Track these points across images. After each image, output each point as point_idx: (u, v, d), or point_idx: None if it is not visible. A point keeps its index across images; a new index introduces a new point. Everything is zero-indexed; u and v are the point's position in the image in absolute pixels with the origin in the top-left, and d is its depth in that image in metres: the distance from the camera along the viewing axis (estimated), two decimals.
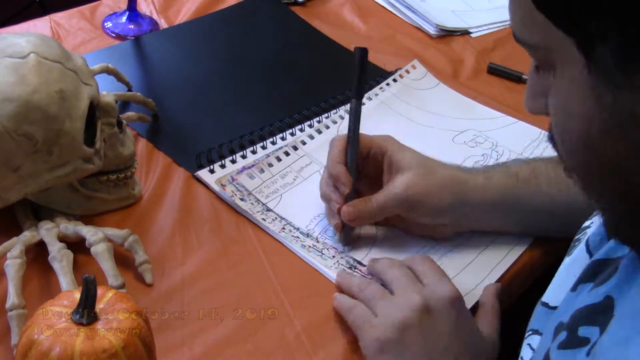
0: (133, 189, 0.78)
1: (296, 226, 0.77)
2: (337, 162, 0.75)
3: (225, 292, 0.71)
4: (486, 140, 0.92)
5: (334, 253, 0.75)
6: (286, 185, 0.82)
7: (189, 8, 1.12)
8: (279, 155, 0.85)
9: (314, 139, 0.89)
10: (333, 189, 0.75)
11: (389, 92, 0.98)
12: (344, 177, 0.74)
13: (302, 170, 0.85)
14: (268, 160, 0.84)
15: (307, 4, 1.17)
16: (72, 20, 1.05)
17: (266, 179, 0.82)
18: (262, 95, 0.97)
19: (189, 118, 0.92)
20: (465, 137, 0.92)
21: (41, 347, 0.51)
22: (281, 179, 0.83)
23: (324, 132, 0.90)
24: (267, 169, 0.83)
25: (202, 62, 1.03)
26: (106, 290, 0.56)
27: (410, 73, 1.02)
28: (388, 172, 0.75)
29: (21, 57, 0.66)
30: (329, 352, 0.66)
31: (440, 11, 1.18)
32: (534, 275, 0.80)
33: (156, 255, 0.72)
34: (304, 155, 0.86)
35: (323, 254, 0.75)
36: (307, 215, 0.79)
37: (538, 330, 0.57)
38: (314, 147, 0.88)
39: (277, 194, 0.81)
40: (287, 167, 0.84)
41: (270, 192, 0.81)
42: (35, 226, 0.71)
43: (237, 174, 0.81)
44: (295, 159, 0.86)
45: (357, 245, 0.76)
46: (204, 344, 0.66)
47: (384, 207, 0.73)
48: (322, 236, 0.77)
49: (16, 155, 0.66)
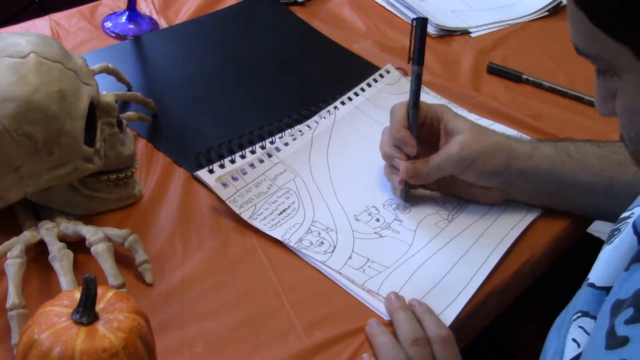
0: (133, 189, 0.78)
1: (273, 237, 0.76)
2: (402, 127, 0.80)
3: (225, 292, 0.71)
4: None
5: (332, 265, 0.73)
6: (260, 194, 0.80)
7: (189, 8, 1.12)
8: (253, 162, 0.83)
9: (288, 145, 0.87)
10: (395, 149, 0.81)
11: (363, 97, 0.96)
12: (410, 140, 0.80)
13: (277, 179, 0.83)
14: (241, 167, 0.81)
15: (306, 3, 1.17)
16: (72, 20, 1.05)
17: (240, 187, 0.80)
18: (261, 95, 0.97)
19: (189, 117, 0.92)
20: None
21: (42, 347, 0.51)
22: (255, 188, 0.81)
23: (298, 138, 0.88)
24: (241, 176, 0.81)
25: (202, 61, 1.03)
26: (106, 289, 0.56)
27: (384, 77, 1.00)
28: (444, 137, 0.81)
29: (21, 57, 0.66)
30: (329, 352, 0.66)
31: (440, 11, 1.18)
32: (534, 275, 0.81)
33: (156, 255, 0.72)
34: (278, 163, 0.84)
35: None
36: (283, 226, 0.77)
37: (589, 313, 0.59)
38: (288, 154, 0.86)
39: (251, 203, 0.79)
40: (261, 175, 0.82)
41: (244, 202, 0.79)
42: (35, 226, 0.71)
43: None
44: (270, 166, 0.83)
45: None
46: (204, 343, 0.66)
47: (440, 167, 0.79)
48: (298, 245, 0.75)
49: (16, 155, 0.66)
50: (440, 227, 0.79)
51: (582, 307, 0.60)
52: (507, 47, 1.13)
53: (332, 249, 0.75)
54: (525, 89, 1.04)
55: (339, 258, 0.74)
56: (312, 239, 0.76)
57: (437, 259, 0.76)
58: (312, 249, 0.75)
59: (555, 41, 1.16)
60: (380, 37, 1.12)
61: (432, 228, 0.79)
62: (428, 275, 0.74)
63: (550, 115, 0.98)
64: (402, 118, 0.81)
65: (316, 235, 0.77)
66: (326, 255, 0.74)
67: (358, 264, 0.74)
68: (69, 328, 0.52)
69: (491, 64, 1.07)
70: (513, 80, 1.05)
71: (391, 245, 0.77)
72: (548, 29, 1.19)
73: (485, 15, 1.21)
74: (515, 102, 1.00)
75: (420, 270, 0.74)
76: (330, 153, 0.88)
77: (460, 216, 0.81)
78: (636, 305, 0.50)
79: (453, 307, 0.71)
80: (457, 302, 0.71)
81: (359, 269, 0.73)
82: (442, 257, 0.76)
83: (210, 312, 0.68)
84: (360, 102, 0.96)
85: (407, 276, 0.73)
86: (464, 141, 0.78)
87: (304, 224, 0.78)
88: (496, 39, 1.15)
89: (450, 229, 0.79)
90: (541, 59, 1.11)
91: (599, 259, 0.61)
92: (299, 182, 0.83)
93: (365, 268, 0.74)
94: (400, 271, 0.74)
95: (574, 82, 1.06)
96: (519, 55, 1.10)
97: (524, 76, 1.05)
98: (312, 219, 0.79)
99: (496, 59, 1.09)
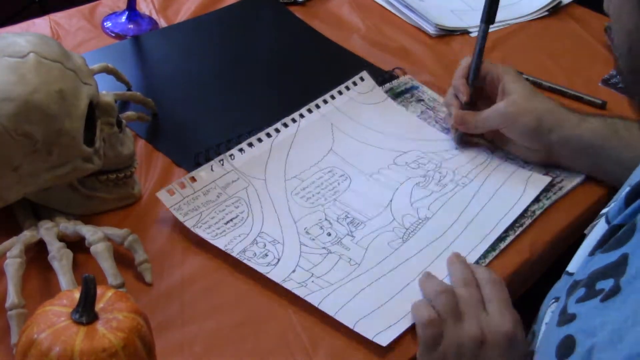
0: (133, 189, 0.78)
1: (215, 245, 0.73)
2: (460, 76, 0.90)
3: (225, 292, 0.71)
4: (430, 162, 0.88)
5: (274, 277, 0.71)
6: (208, 202, 0.77)
7: (189, 8, 1.12)
8: (204, 169, 0.80)
9: (244, 153, 0.83)
10: (454, 97, 0.90)
11: (332, 106, 0.93)
12: (464, 88, 0.89)
13: (228, 187, 0.80)
14: (190, 175, 0.79)
15: (306, 3, 1.17)
16: (72, 20, 1.05)
17: (187, 195, 0.77)
18: (260, 95, 0.97)
19: (188, 117, 0.92)
20: (408, 158, 0.88)
21: (41, 347, 0.51)
22: (203, 196, 0.78)
23: (256, 146, 0.85)
24: (189, 184, 0.78)
25: (201, 61, 1.03)
26: (106, 289, 0.56)
27: (357, 85, 0.97)
28: (500, 95, 0.88)
29: (21, 57, 0.66)
30: (329, 352, 0.66)
31: (439, 11, 1.18)
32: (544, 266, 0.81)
33: (156, 255, 0.72)
34: (231, 171, 0.81)
35: None
36: (228, 236, 0.75)
37: (559, 298, 0.61)
38: (243, 162, 0.82)
39: (196, 211, 0.76)
40: (211, 183, 0.79)
41: (189, 209, 0.76)
42: (34, 225, 0.71)
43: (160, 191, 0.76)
44: (222, 174, 0.80)
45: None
46: (204, 343, 0.66)
47: (486, 119, 0.87)
48: (241, 256, 0.73)
49: (16, 155, 0.66)
50: (393, 247, 0.76)
51: (556, 294, 0.64)
52: (507, 47, 1.12)
53: (277, 261, 0.73)
54: None
55: (281, 271, 0.72)
56: (257, 250, 0.74)
57: (384, 281, 0.72)
58: (255, 260, 0.73)
59: (555, 41, 1.16)
60: (380, 37, 1.12)
61: (385, 247, 0.76)
62: (373, 298, 0.71)
63: None
64: (464, 68, 0.90)
65: (261, 247, 0.74)
66: (269, 267, 0.72)
67: (301, 278, 0.72)
68: (68, 328, 0.52)
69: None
70: None
71: (339, 262, 0.74)
72: (548, 29, 1.19)
73: None
74: None
75: (366, 291, 0.71)
76: (288, 163, 0.85)
77: (415, 236, 0.78)
78: (588, 286, 0.53)
79: (391, 330, 0.68)
80: (396, 326, 0.68)
81: (301, 282, 0.71)
82: (391, 279, 0.73)
83: (210, 312, 0.68)
84: (328, 111, 0.92)
85: (350, 296, 0.70)
86: (513, 100, 0.85)
87: (250, 234, 0.75)
88: (496, 39, 1.14)
89: (403, 249, 0.76)
90: (541, 59, 1.11)
91: (579, 249, 0.64)
92: (251, 191, 0.80)
93: (307, 283, 0.71)
94: (343, 290, 0.71)
95: (573, 82, 1.06)
96: (519, 55, 1.10)
97: (523, 76, 1.05)
98: (260, 229, 0.76)
99: (496, 59, 1.08)
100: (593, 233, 0.63)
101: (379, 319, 0.68)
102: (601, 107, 1.02)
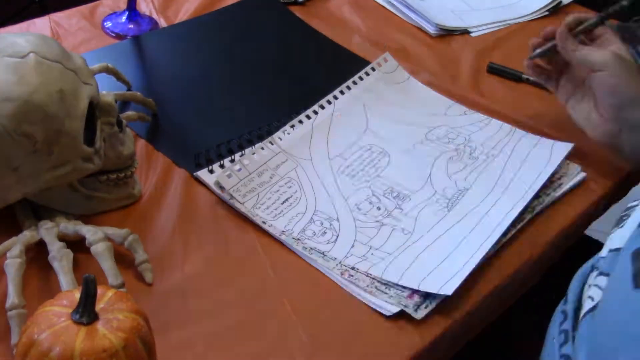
0: (133, 189, 0.78)
1: (279, 230, 0.76)
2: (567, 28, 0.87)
3: (226, 292, 0.71)
4: (458, 136, 0.92)
5: (335, 255, 0.74)
6: (263, 183, 0.81)
7: (188, 8, 1.12)
8: (255, 151, 0.83)
9: (289, 135, 0.87)
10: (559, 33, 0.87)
11: (361, 87, 0.97)
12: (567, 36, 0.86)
13: (278, 168, 0.83)
14: (243, 159, 0.82)
15: (306, 3, 1.17)
16: (72, 20, 1.05)
17: (243, 177, 0.80)
18: (261, 95, 0.97)
19: (189, 117, 0.92)
20: (439, 133, 0.92)
21: (41, 347, 0.51)
22: (258, 177, 0.81)
23: (298, 128, 0.88)
24: (244, 166, 0.81)
25: (201, 61, 1.03)
26: (106, 289, 0.56)
27: (382, 66, 1.01)
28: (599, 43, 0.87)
29: (21, 57, 0.66)
30: (329, 352, 0.66)
31: (439, 10, 1.18)
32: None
33: (156, 255, 0.72)
34: (279, 152, 0.85)
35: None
36: (286, 216, 0.78)
37: (603, 272, 0.62)
38: (289, 143, 0.86)
39: (254, 192, 0.80)
40: (264, 165, 0.83)
41: (247, 191, 0.79)
42: (35, 226, 0.71)
43: None
44: (271, 155, 0.84)
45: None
46: (204, 343, 0.66)
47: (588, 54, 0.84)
48: (301, 236, 0.76)
49: (16, 155, 0.66)
50: (440, 216, 0.80)
51: (602, 269, 0.63)
52: (507, 47, 1.13)
53: (335, 238, 0.76)
54: (525, 88, 1.04)
55: (342, 247, 0.75)
56: (315, 228, 0.77)
57: (438, 244, 0.76)
58: (315, 239, 0.75)
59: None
60: (380, 37, 1.12)
61: (432, 216, 0.80)
62: (430, 260, 0.74)
63: (550, 115, 0.98)
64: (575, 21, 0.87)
65: (319, 225, 0.77)
66: (329, 244, 0.75)
67: (361, 252, 0.75)
68: (68, 328, 0.52)
69: (491, 64, 1.07)
70: (513, 80, 1.05)
71: (393, 233, 0.78)
72: None
73: (485, 15, 1.21)
74: (515, 102, 1.00)
75: (422, 255, 0.75)
76: (330, 142, 0.88)
77: (458, 205, 0.82)
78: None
79: (456, 278, 0.71)
80: (456, 277, 0.72)
81: (361, 257, 0.74)
82: (443, 242, 0.77)
83: (210, 312, 0.68)
84: (359, 92, 0.96)
85: (409, 262, 0.74)
86: (622, 56, 0.82)
87: (306, 213, 0.78)
88: (496, 38, 1.15)
89: (449, 217, 0.80)
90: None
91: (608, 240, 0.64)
92: (300, 171, 0.83)
93: (368, 256, 0.74)
94: (402, 257, 0.75)
95: None
96: (519, 55, 1.09)
97: (523, 76, 1.05)
98: (315, 208, 0.79)
99: (496, 59, 1.09)
100: (633, 217, 0.64)
101: (438, 276, 0.72)
102: None
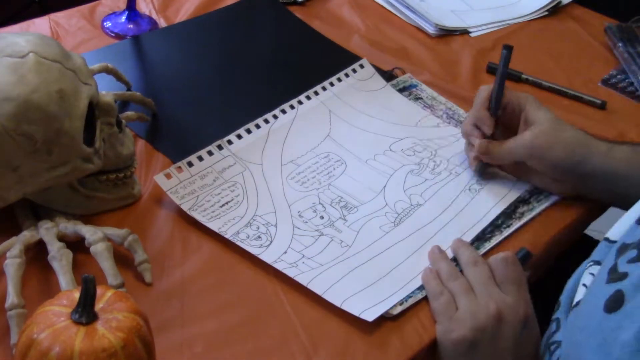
0: (133, 189, 0.78)
1: (212, 228, 0.75)
2: (483, 107, 0.85)
3: (225, 292, 0.71)
4: (425, 150, 0.89)
5: (265, 258, 0.72)
6: (204, 186, 0.79)
7: (188, 8, 1.12)
8: (201, 155, 0.81)
9: (242, 138, 0.85)
10: (474, 128, 0.85)
11: (331, 92, 0.95)
12: (488, 120, 0.84)
13: (224, 172, 0.81)
14: (188, 160, 0.80)
15: (306, 3, 1.17)
16: (72, 20, 1.05)
17: (183, 179, 0.79)
18: (260, 95, 0.97)
19: (188, 117, 0.92)
20: (404, 145, 0.90)
21: (40, 347, 0.51)
22: (200, 180, 0.79)
23: (253, 131, 0.86)
24: (186, 168, 0.80)
25: (201, 61, 1.03)
26: (105, 289, 0.56)
27: (357, 72, 0.99)
28: (524, 125, 0.84)
29: (20, 57, 0.65)
30: (329, 352, 0.66)
31: (439, 11, 1.18)
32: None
33: (156, 255, 0.72)
34: (228, 156, 0.83)
35: None
36: (222, 219, 0.76)
37: (599, 261, 0.64)
38: (240, 147, 0.84)
39: (192, 195, 0.78)
40: (208, 168, 0.81)
41: (186, 193, 0.78)
42: (34, 226, 0.71)
43: None
44: (219, 159, 0.82)
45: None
46: (204, 343, 0.66)
47: (511, 151, 0.83)
48: (234, 238, 0.74)
49: (16, 155, 0.66)
50: (385, 231, 0.78)
51: (594, 257, 0.66)
52: None
53: (269, 243, 0.74)
54: (524, 88, 1.04)
55: (273, 252, 0.73)
56: (250, 232, 0.75)
57: (375, 261, 0.74)
58: (247, 242, 0.74)
59: (554, 41, 1.16)
60: (379, 37, 1.12)
61: (377, 230, 0.78)
62: (363, 277, 0.72)
63: None
64: (485, 100, 0.85)
65: (255, 230, 0.76)
66: (261, 248, 0.74)
67: (292, 259, 0.73)
68: (68, 328, 0.52)
69: (491, 64, 1.07)
70: (513, 80, 1.05)
71: (330, 244, 0.76)
72: (548, 29, 1.19)
73: (484, 15, 1.21)
74: None
75: (356, 271, 0.73)
76: (285, 148, 0.87)
77: (406, 221, 0.79)
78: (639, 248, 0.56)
79: (380, 306, 0.69)
80: (382, 304, 0.69)
81: (291, 263, 0.73)
82: (382, 260, 0.74)
83: (210, 312, 0.68)
84: (327, 98, 0.94)
85: (340, 276, 0.72)
86: (539, 132, 0.81)
87: (244, 217, 0.77)
88: (496, 39, 1.15)
89: (395, 232, 0.78)
90: (541, 59, 1.11)
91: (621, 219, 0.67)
92: (247, 175, 0.82)
93: (298, 263, 0.73)
94: (334, 270, 0.72)
95: (573, 82, 1.06)
96: (519, 55, 1.09)
97: (523, 76, 1.05)
98: (254, 213, 0.78)
99: (496, 59, 1.08)
100: (638, 204, 0.66)
101: (366, 298, 0.70)
102: (601, 107, 1.02)
